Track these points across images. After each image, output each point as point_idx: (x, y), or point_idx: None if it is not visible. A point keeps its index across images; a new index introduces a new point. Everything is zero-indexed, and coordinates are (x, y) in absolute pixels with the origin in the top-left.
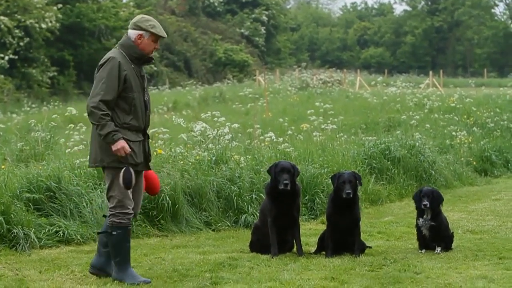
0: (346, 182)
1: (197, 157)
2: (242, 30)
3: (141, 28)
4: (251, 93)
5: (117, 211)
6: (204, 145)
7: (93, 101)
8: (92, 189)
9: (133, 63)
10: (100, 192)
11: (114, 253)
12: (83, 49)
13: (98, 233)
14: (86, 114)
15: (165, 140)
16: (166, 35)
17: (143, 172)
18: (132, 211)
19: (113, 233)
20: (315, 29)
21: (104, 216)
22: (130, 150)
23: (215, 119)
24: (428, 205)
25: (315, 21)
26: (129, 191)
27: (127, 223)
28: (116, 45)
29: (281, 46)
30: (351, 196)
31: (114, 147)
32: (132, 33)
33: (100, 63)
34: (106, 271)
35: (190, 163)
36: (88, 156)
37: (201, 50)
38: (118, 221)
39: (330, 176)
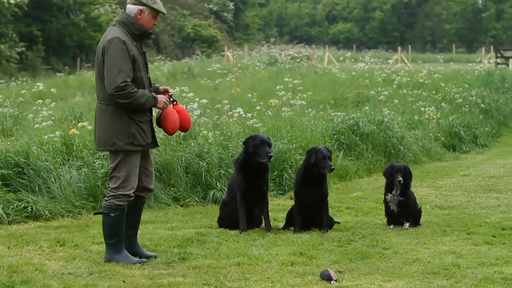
0: (327, 157)
1: None
2: (211, 6)
3: (142, 3)
4: (220, 69)
5: (119, 192)
6: None
7: (115, 86)
8: (61, 165)
9: (135, 40)
10: (69, 167)
11: (109, 234)
12: (51, 24)
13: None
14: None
15: None
16: (165, 11)
17: (176, 108)
18: (133, 194)
19: (111, 214)
20: (283, 5)
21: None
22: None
23: (184, 94)
24: (402, 181)
25: None
26: (137, 170)
27: (126, 205)
28: (114, 22)
29: (249, 22)
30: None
31: (158, 105)
32: (132, 8)
33: (102, 45)
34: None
35: (158, 139)
36: (96, 139)
37: (169, 25)
38: (117, 203)
39: (307, 151)
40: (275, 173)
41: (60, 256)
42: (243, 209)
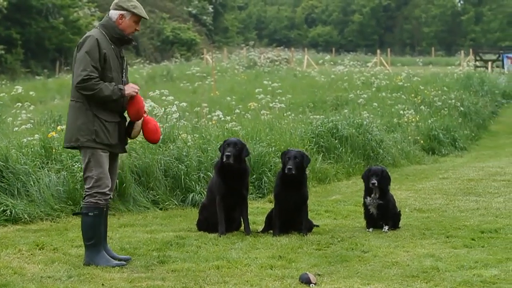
0: (291, 158)
1: None
2: (190, 9)
3: (122, 8)
4: (199, 72)
5: (94, 191)
6: None
7: (80, 78)
8: (40, 168)
9: (114, 43)
10: (48, 171)
11: (88, 235)
12: (30, 27)
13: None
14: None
15: None
16: (147, 17)
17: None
18: (109, 192)
19: (89, 214)
20: (262, 8)
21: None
22: (138, 88)
23: (163, 97)
24: (376, 184)
25: (263, 0)
26: (107, 170)
27: (104, 204)
28: (97, 25)
29: (228, 25)
30: (292, 172)
31: (127, 92)
32: (114, 13)
33: (78, 43)
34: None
35: (137, 142)
36: (64, 136)
37: (148, 28)
38: (95, 201)
39: (280, 154)
40: (254, 176)
41: (39, 259)
42: (222, 212)
